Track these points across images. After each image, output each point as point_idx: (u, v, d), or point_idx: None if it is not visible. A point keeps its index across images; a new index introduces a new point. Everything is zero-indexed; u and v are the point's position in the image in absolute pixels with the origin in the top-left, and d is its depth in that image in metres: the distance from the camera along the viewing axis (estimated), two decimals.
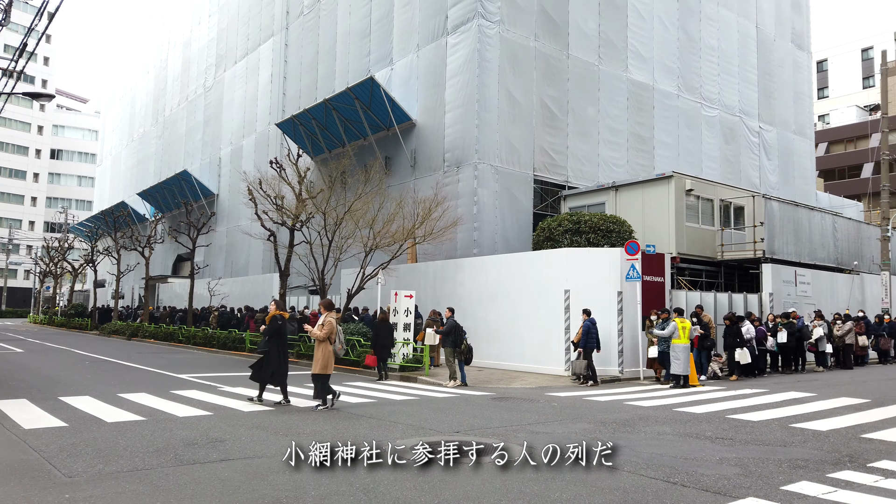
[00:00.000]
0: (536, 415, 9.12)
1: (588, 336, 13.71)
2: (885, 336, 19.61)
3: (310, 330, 9.78)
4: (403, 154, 23.97)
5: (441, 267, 19.38)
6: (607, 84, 24.53)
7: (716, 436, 7.68)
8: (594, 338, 13.76)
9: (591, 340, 13.71)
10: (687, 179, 19.90)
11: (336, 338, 9.70)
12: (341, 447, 5.59)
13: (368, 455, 5.66)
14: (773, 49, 31.34)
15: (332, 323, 9.61)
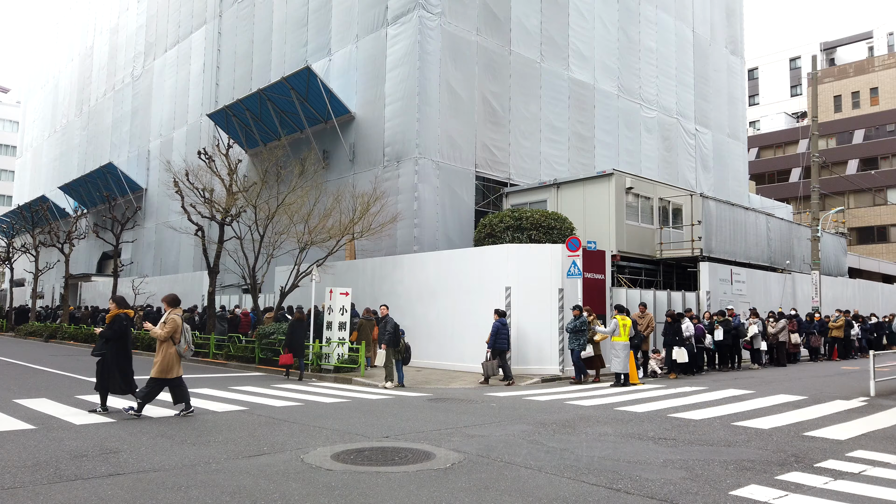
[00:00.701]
0: (474, 417, 8.61)
1: (497, 336, 13.39)
2: (816, 334, 20.07)
3: (150, 328, 8.62)
4: (342, 148, 23.18)
5: (379, 264, 18.71)
6: (549, 82, 24.38)
7: (659, 436, 7.34)
8: (504, 338, 13.45)
9: (501, 341, 13.40)
10: (627, 177, 19.88)
11: (182, 337, 8.51)
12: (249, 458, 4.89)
13: (283, 469, 4.99)
14: (709, 54, 32.00)
15: (176, 321, 8.47)
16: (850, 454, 6.51)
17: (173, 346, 8.45)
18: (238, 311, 20.50)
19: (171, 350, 8.43)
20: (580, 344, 13.27)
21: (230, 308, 22.22)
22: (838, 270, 27.92)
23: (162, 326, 8.47)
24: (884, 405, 10.12)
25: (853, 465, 6.01)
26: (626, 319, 13.36)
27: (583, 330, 13.24)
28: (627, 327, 13.27)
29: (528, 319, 14.90)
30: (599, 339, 13.52)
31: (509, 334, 13.78)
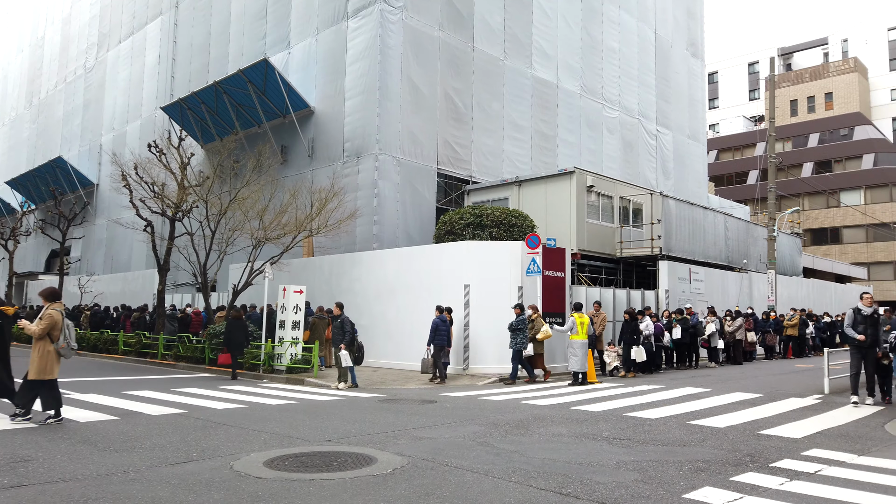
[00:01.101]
0: (425, 418, 8.28)
1: (436, 333, 13.17)
2: (771, 332, 20.31)
3: (25, 325, 7.84)
4: (301, 143, 22.63)
5: (337, 261, 18.25)
6: (512, 80, 24.20)
7: (613, 436, 7.12)
8: (443, 335, 13.23)
9: (440, 337, 13.18)
10: (588, 176, 19.80)
11: (61, 335, 7.71)
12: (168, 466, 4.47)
13: (208, 478, 4.58)
14: (670, 56, 32.27)
15: (54, 316, 7.71)
16: (806, 453, 6.37)
17: (51, 344, 7.68)
18: (189, 311, 19.78)
19: (49, 349, 7.65)
20: (519, 342, 12.96)
21: (181, 307, 21.45)
22: (793, 270, 28.41)
23: (38, 323, 7.71)
24: (837, 402, 10.12)
25: (809, 464, 5.87)
26: (583, 317, 13.19)
27: (521, 328, 12.94)
28: (585, 325, 13.10)
29: (488, 317, 14.64)
30: (542, 337, 13.21)
31: (449, 331, 13.57)
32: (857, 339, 9.81)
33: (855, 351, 10.02)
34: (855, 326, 9.90)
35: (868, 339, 9.77)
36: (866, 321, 9.83)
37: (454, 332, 14.61)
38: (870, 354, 9.89)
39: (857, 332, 9.81)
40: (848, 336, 9.98)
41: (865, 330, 9.77)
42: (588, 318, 13.47)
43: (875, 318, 9.88)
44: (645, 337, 14.73)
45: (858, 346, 9.88)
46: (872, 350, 9.88)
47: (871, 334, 9.81)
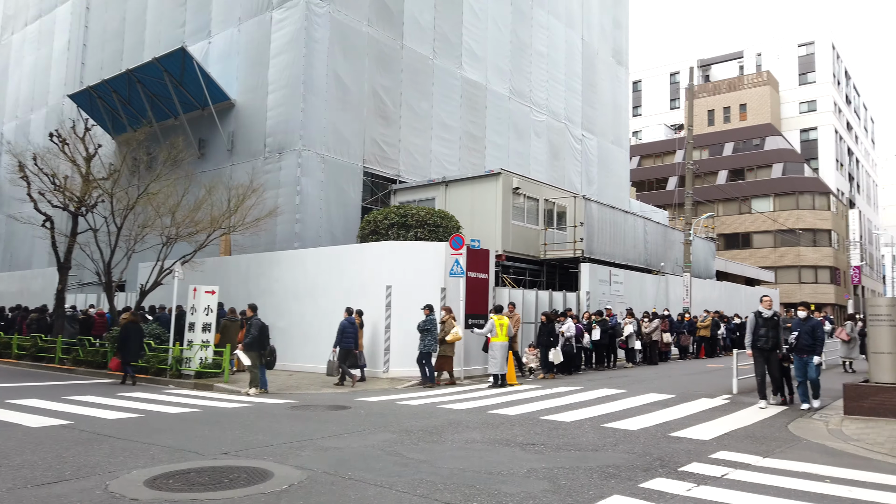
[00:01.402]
0: (336, 425, 7.92)
1: (344, 335, 12.91)
2: (686, 333, 20.97)
3: None
4: (220, 136, 21.68)
5: (254, 260, 17.53)
6: (441, 79, 24.03)
7: (527, 441, 6.98)
8: (350, 337, 12.98)
9: (347, 340, 12.94)
10: (514, 178, 19.86)
11: None
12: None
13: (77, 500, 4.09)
14: (596, 62, 32.97)
15: None
16: (714, 455, 6.42)
17: None
18: (92, 312, 18.55)
19: None
20: (426, 344, 12.71)
21: (84, 307, 20.13)
22: (707, 273, 29.56)
23: None
24: (745, 402, 10.41)
25: (716, 468, 5.89)
26: (503, 319, 13.13)
27: (428, 329, 12.70)
28: (504, 327, 13.04)
29: (411, 319, 14.35)
30: (451, 339, 12.95)
31: (358, 334, 13.32)
32: (747, 352, 10.20)
33: (758, 355, 10.08)
34: (757, 330, 10.00)
35: (770, 342, 9.89)
36: (767, 324, 9.94)
37: (366, 334, 14.32)
38: (772, 357, 9.99)
39: (759, 335, 9.95)
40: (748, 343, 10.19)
41: (767, 333, 9.90)
42: (507, 319, 13.40)
43: (775, 320, 10.01)
44: (566, 339, 14.82)
45: (761, 350, 9.97)
46: (774, 353, 9.99)
47: (772, 337, 9.91)
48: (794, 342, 9.75)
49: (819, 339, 9.69)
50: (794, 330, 9.83)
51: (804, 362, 9.73)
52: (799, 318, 9.99)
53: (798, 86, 58.17)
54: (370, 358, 14.48)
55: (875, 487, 5.32)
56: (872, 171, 73.59)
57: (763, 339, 9.92)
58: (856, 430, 7.98)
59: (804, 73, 58.33)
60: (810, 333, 9.65)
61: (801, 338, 9.68)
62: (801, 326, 9.76)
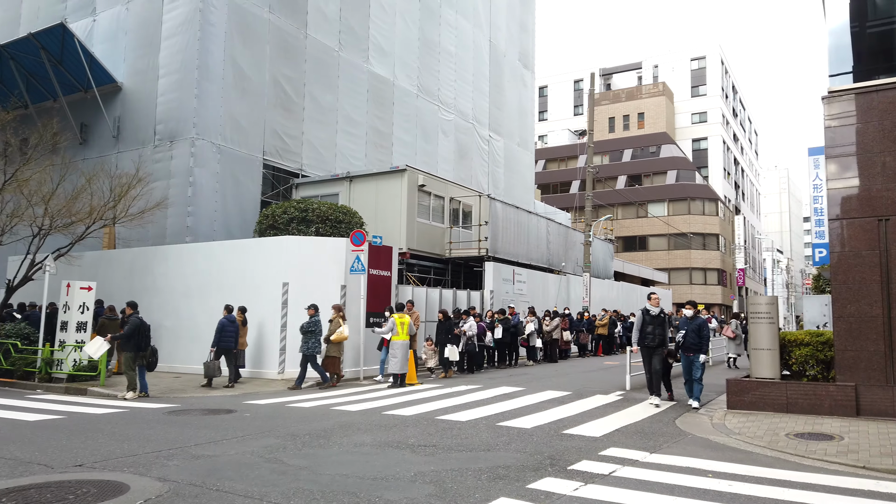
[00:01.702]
0: (216, 431, 7.35)
1: (223, 334, 12.39)
2: (585, 331, 21.52)
3: None
4: (105, 122, 20.14)
5: (140, 255, 16.34)
6: (347, 72, 23.45)
7: (420, 443, 6.73)
8: (230, 336, 12.47)
9: (227, 339, 12.42)
10: (420, 175, 19.64)
11: None
12: None
13: None
14: (503, 64, 33.39)
15: None
16: (603, 452, 6.42)
17: None
18: None
19: None
20: (310, 346, 12.12)
21: None
22: (606, 273, 30.62)
23: None
24: (637, 398, 10.66)
25: (604, 465, 5.86)
26: (404, 317, 12.86)
27: (312, 331, 12.17)
28: (405, 325, 12.78)
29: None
30: (336, 339, 12.40)
31: (239, 332, 12.79)
32: (633, 349, 10.37)
33: (645, 352, 10.09)
34: (644, 327, 9.99)
35: (656, 339, 9.89)
36: (654, 321, 9.95)
37: (260, 333, 13.70)
38: (658, 354, 9.95)
39: (646, 333, 9.94)
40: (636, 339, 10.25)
41: (654, 330, 9.89)
42: (408, 317, 13.14)
43: (662, 318, 10.02)
44: (469, 337, 14.72)
45: (648, 347, 9.95)
46: (660, 350, 9.95)
47: (658, 334, 9.89)
48: (682, 340, 9.84)
49: (705, 338, 9.79)
50: (680, 328, 9.91)
51: (690, 361, 9.82)
52: (685, 317, 10.07)
53: (691, 97, 61.62)
54: (266, 359, 13.82)
55: (752, 481, 5.45)
56: (756, 180, 79.22)
57: (650, 336, 9.92)
58: (737, 424, 8.28)
59: (696, 85, 61.87)
60: (696, 332, 9.72)
61: (688, 336, 9.74)
62: (688, 325, 9.82)
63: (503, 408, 9.41)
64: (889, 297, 8.69)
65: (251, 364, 13.84)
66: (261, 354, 13.90)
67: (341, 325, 12.46)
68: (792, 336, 9.48)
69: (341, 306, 12.89)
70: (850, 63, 9.98)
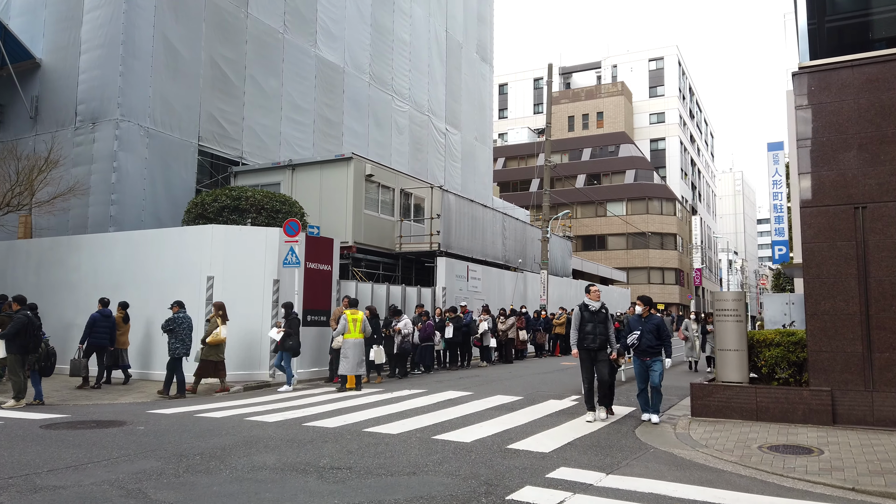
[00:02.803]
0: (87, 451, 6.05)
1: (94, 329, 11.38)
2: (542, 331, 20.63)
3: None
4: (21, 102, 18.35)
5: (50, 246, 14.72)
6: (293, 56, 22.05)
7: (332, 464, 5.58)
8: (102, 332, 11.43)
9: (99, 335, 11.42)
10: (367, 164, 18.43)
11: None
12: None
13: None
14: (461, 56, 32.35)
15: None
16: (552, 474, 5.37)
17: None
18: None
19: None
20: (172, 348, 10.77)
21: None
22: (564, 271, 29.87)
23: None
24: None
25: (551, 492, 4.82)
26: (356, 314, 11.67)
27: (172, 329, 10.85)
28: (359, 322, 11.57)
29: (236, 316, 12.48)
30: (212, 341, 11.03)
31: (116, 329, 11.69)
32: (574, 352, 8.47)
33: (584, 356, 8.33)
34: (583, 326, 8.29)
35: (597, 340, 8.19)
36: (594, 318, 8.27)
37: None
38: (602, 358, 8.26)
39: (586, 332, 8.24)
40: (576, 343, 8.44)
41: (595, 329, 8.22)
42: (362, 314, 11.91)
43: (603, 314, 8.36)
44: (403, 337, 13.53)
45: (588, 350, 8.27)
46: (604, 352, 8.26)
47: (600, 334, 8.22)
48: (637, 342, 8.24)
49: (666, 338, 8.27)
50: (633, 329, 8.33)
51: (646, 366, 8.21)
52: (636, 316, 8.49)
53: (649, 97, 61.76)
54: (189, 361, 12.43)
55: None
56: (712, 182, 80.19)
57: (590, 336, 8.20)
58: (704, 434, 7.36)
59: (654, 85, 62.05)
60: (654, 332, 8.18)
61: (644, 338, 8.17)
62: (643, 325, 8.26)
63: (444, 416, 8.31)
64: (867, 293, 7.90)
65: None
66: None
67: (219, 326, 11.10)
68: (761, 336, 8.63)
69: (222, 304, 11.49)
70: (823, 41, 9.19)
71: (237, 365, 12.42)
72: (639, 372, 8.34)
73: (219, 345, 11.13)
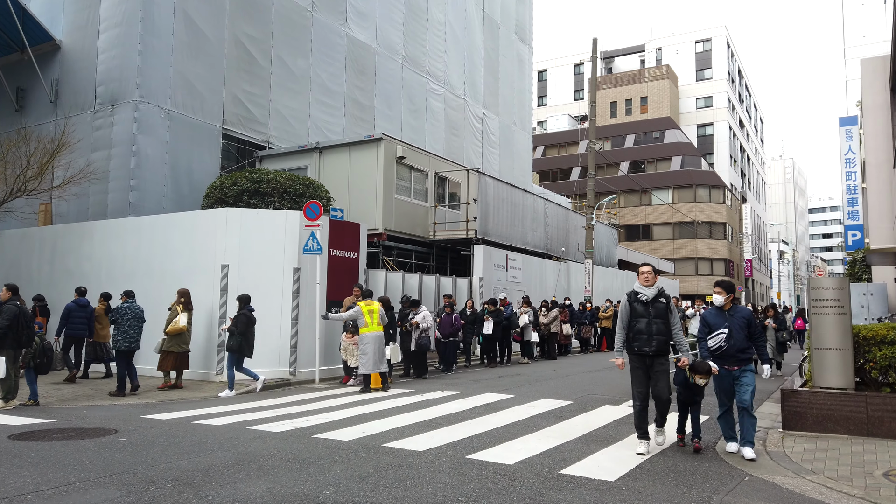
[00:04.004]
0: (43, 473, 4.95)
1: (68, 320, 10.87)
2: (588, 324, 19.13)
3: None
4: (41, 86, 17.69)
5: (62, 233, 13.90)
6: (322, 36, 20.92)
7: (336, 498, 4.34)
8: (78, 323, 10.90)
9: (73, 326, 10.89)
10: (399, 145, 17.19)
11: None
12: None
13: None
14: (499, 37, 30.82)
15: None
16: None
17: None
18: None
19: None
20: (115, 340, 9.98)
21: None
22: (609, 261, 28.20)
23: None
24: None
25: None
26: (372, 304, 10.45)
27: (115, 321, 9.96)
28: (375, 314, 10.35)
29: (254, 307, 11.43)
30: (171, 330, 10.10)
31: (91, 318, 10.92)
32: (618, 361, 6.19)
33: (636, 363, 5.98)
34: (633, 321, 5.93)
35: (653, 341, 5.83)
36: (649, 311, 5.91)
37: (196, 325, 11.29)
38: (659, 367, 5.90)
39: (638, 330, 5.87)
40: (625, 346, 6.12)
41: (649, 325, 5.85)
42: (378, 305, 10.66)
43: (663, 304, 5.96)
44: (423, 331, 12.08)
45: (640, 356, 5.94)
46: (663, 358, 5.92)
47: (657, 332, 5.85)
48: (724, 345, 5.88)
49: (759, 338, 6.03)
50: (714, 326, 5.99)
51: (732, 377, 5.89)
52: (715, 307, 6.10)
53: (695, 81, 59.05)
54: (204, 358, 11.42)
55: None
56: (761, 169, 76.75)
57: (643, 336, 5.87)
58: (806, 455, 5.89)
59: (701, 68, 59.27)
60: (744, 329, 5.88)
61: (733, 337, 5.85)
62: (728, 320, 5.94)
63: (480, 426, 7.01)
64: None
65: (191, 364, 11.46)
66: (197, 352, 11.49)
67: (180, 315, 10.06)
68: (869, 331, 7.07)
69: (186, 291, 10.45)
70: None
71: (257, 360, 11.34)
72: (723, 386, 5.97)
73: (181, 335, 10.13)
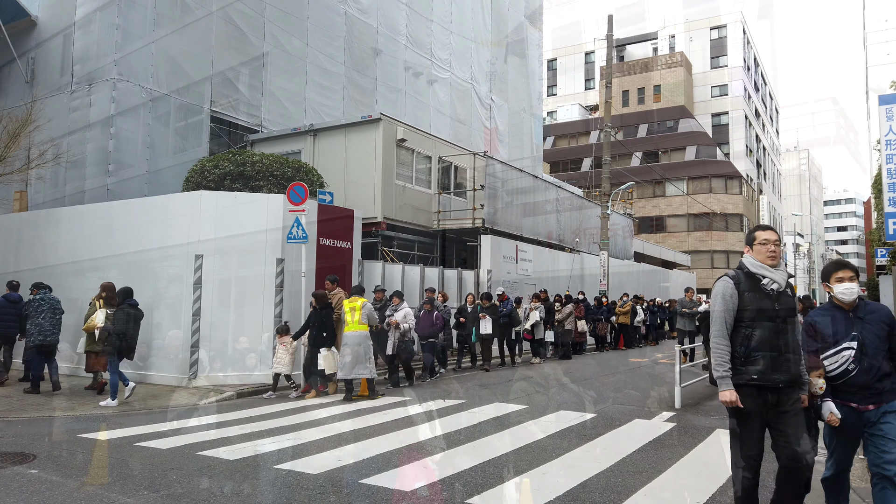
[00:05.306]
0: None
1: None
2: (603, 321, 17.74)
3: None
4: (17, 66, 16.49)
5: (28, 221, 12.68)
6: (319, 14, 19.58)
7: None
8: (7, 321, 9.68)
9: (3, 325, 9.63)
10: (399, 127, 15.84)
11: None
12: None
13: None
14: (508, 19, 29.35)
15: None
16: None
17: None
18: None
19: None
20: (31, 334, 8.96)
21: None
22: (625, 254, 26.76)
23: None
24: (697, 427, 6.90)
25: None
26: (354, 301, 9.12)
27: (29, 315, 9.08)
28: (358, 311, 9.00)
29: (231, 302, 10.16)
30: (87, 327, 9.04)
31: (23, 315, 9.48)
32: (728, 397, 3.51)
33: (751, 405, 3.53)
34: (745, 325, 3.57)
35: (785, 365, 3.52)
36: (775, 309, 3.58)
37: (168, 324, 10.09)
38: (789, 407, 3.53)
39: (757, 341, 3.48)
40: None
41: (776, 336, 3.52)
42: (361, 301, 9.29)
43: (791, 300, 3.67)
44: (403, 333, 10.49)
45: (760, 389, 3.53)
46: (795, 392, 3.57)
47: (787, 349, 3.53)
48: (851, 368, 3.62)
49: None
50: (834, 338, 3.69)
51: (863, 422, 3.61)
52: (831, 306, 3.81)
53: (710, 69, 57.26)
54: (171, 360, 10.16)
55: None
56: (777, 160, 74.84)
57: (769, 355, 3.53)
58: None
59: (716, 56, 57.48)
60: (885, 339, 3.65)
61: (868, 355, 3.61)
62: (856, 325, 3.67)
63: (487, 451, 5.68)
64: None
65: (153, 368, 10.21)
66: (161, 353, 10.23)
67: (97, 311, 8.92)
68: None
69: (111, 285, 9.19)
70: None
71: (232, 363, 10.07)
72: (846, 434, 3.70)
73: (92, 331, 8.95)
